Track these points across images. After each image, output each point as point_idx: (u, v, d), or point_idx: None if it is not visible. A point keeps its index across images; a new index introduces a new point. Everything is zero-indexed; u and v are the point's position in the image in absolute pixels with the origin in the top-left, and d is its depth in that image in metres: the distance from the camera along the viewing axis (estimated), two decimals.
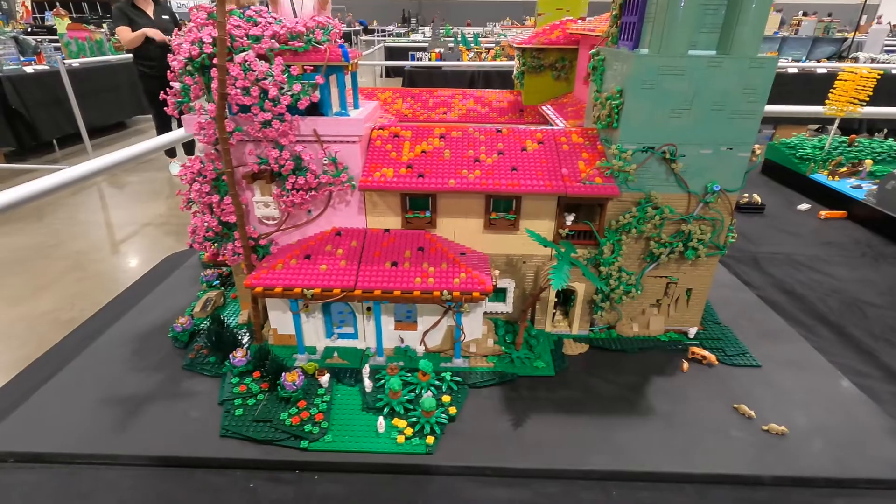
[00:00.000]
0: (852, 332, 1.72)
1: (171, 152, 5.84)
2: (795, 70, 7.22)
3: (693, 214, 1.46)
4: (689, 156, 1.40)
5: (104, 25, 11.01)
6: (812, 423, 1.29)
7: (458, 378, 1.40)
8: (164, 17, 5.07)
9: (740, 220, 2.70)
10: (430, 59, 8.72)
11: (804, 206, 2.84)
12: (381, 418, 1.25)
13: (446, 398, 1.33)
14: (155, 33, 4.82)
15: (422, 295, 1.36)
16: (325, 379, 1.37)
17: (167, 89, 1.33)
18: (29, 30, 12.15)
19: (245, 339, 1.57)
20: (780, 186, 3.24)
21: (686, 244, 1.48)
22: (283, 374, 1.32)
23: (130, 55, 5.23)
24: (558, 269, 1.27)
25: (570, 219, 1.48)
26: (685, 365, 1.50)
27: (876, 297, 1.94)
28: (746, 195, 2.84)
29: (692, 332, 1.62)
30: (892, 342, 1.67)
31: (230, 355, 1.41)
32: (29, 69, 6.44)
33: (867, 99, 2.96)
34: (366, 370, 1.40)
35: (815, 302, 1.90)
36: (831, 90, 3.05)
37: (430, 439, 1.22)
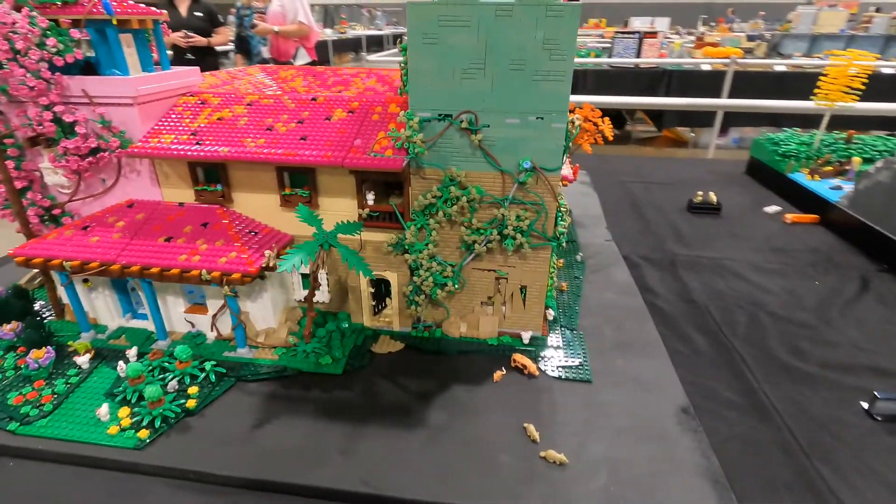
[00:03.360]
0: (737, 349, 1.43)
1: None
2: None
3: (508, 197, 1.24)
4: (494, 126, 1.18)
5: None
6: (605, 455, 1.05)
7: (220, 369, 1.26)
8: (196, 14, 4.22)
9: (690, 220, 2.38)
10: None
11: (773, 209, 2.47)
12: (105, 405, 1.13)
13: (193, 389, 1.19)
14: (178, 40, 4.04)
15: (181, 273, 1.23)
16: (83, 360, 1.27)
17: None
18: None
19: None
20: (759, 186, 2.85)
21: (502, 232, 1.27)
22: (32, 351, 1.23)
23: None
24: (297, 250, 1.09)
25: (370, 197, 1.30)
26: (498, 374, 1.28)
27: (796, 313, 1.61)
28: (701, 193, 2.50)
29: (526, 337, 1.39)
30: (778, 363, 1.37)
31: None
32: None
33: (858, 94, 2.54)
34: (130, 353, 1.29)
35: (715, 313, 1.60)
36: (818, 84, 2.64)
37: (144, 433, 1.08)
